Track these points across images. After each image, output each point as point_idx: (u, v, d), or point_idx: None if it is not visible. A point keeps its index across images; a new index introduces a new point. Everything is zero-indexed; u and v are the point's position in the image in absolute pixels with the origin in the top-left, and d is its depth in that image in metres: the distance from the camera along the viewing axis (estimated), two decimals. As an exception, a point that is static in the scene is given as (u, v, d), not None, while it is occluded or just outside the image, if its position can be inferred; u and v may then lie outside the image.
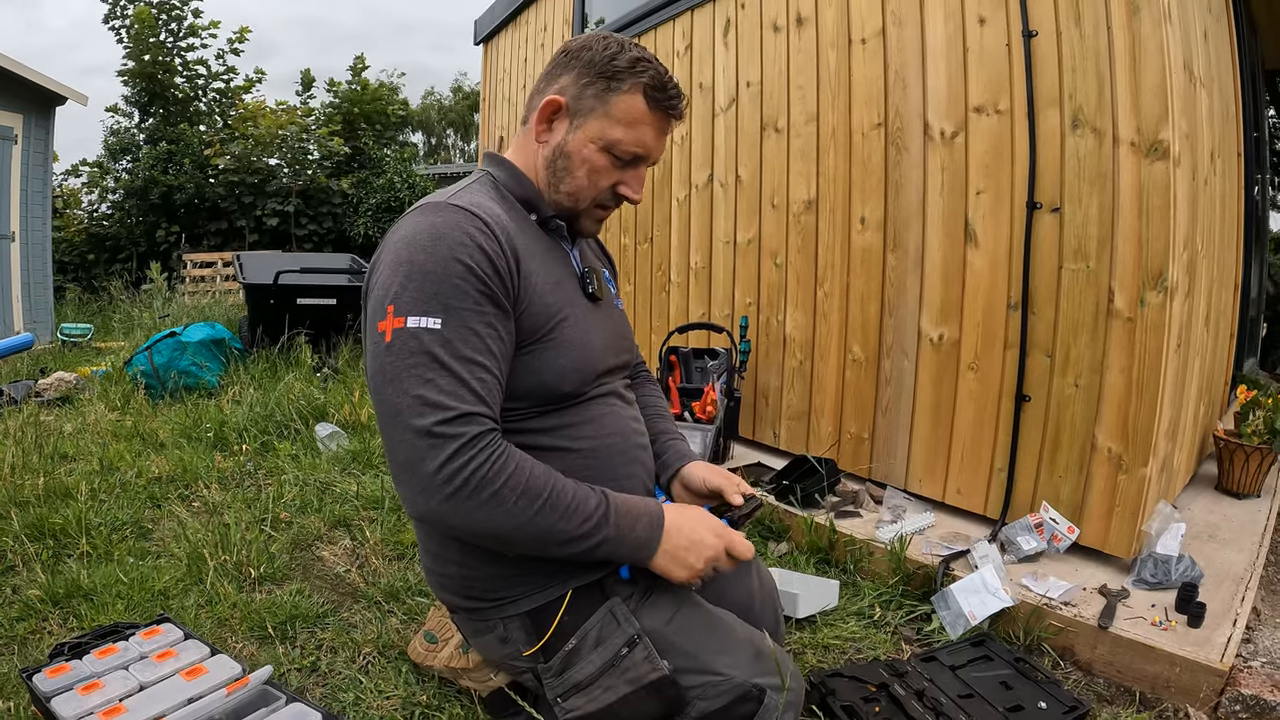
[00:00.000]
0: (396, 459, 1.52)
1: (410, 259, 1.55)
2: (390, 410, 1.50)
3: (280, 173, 15.60)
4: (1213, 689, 2.19)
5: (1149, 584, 2.64)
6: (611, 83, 1.73)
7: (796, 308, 4.01)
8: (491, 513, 1.50)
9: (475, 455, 1.48)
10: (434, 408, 1.48)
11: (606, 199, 1.82)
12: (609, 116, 1.73)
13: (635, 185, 1.82)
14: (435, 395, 1.48)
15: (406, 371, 1.50)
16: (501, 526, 1.51)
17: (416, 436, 1.47)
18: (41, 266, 9.89)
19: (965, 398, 3.22)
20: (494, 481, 1.49)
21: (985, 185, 3.10)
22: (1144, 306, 2.67)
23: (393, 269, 1.57)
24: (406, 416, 1.48)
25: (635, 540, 1.63)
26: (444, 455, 1.46)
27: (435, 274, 1.53)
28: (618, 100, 1.73)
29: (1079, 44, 2.80)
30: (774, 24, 4.07)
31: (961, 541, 2.98)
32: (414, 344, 1.50)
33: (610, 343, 1.90)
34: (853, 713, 2.05)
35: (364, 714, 2.04)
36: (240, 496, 3.59)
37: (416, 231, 1.58)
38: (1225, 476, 3.76)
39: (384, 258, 1.62)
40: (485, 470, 1.48)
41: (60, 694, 1.88)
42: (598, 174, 1.77)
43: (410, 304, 1.52)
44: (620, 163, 1.77)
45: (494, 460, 1.50)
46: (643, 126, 1.75)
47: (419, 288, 1.53)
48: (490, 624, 1.82)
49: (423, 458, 1.47)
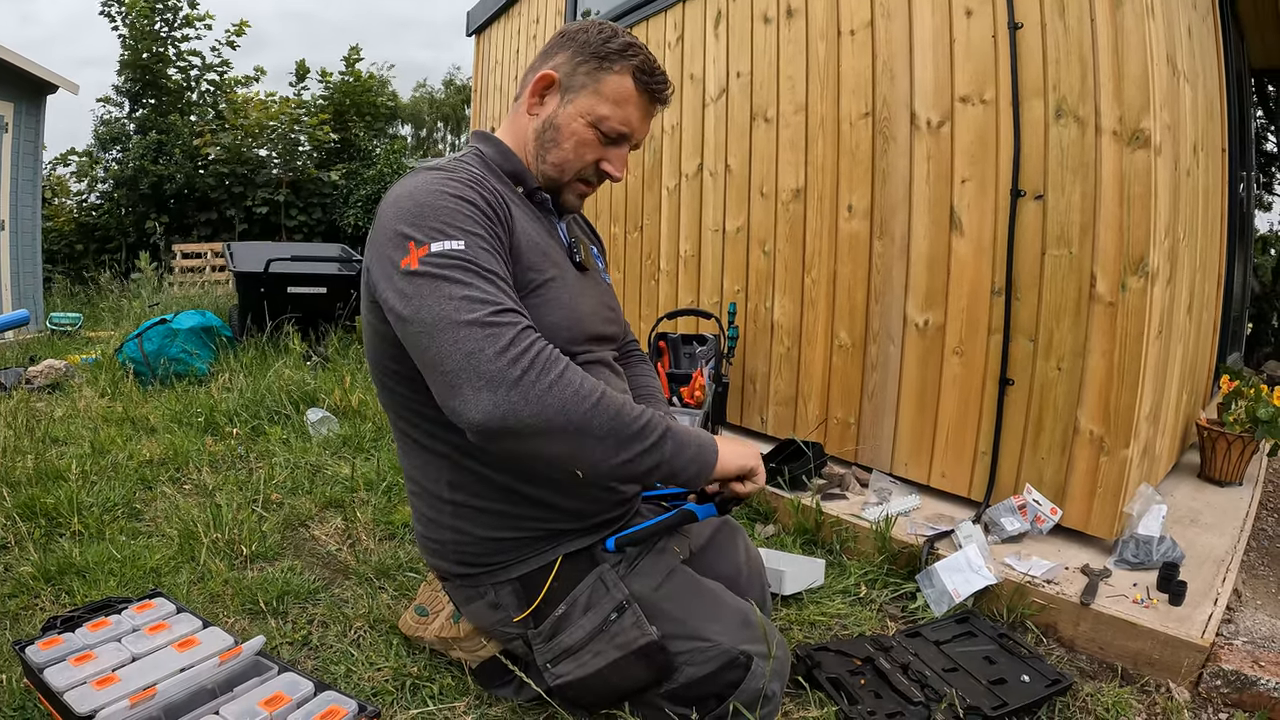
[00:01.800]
0: (451, 362, 1.46)
1: (416, 203, 1.58)
2: (434, 318, 1.48)
3: (270, 163, 15.56)
4: (1194, 664, 2.22)
5: (1131, 564, 2.68)
6: (604, 62, 1.80)
7: (784, 295, 4.04)
8: (564, 394, 1.46)
9: (534, 340, 1.48)
10: (482, 304, 1.48)
11: (589, 174, 1.88)
12: (599, 94, 1.80)
13: (618, 163, 1.88)
14: (480, 294, 1.49)
15: (445, 282, 1.49)
16: (576, 410, 1.47)
17: (472, 328, 1.46)
18: (31, 256, 9.86)
19: (950, 382, 3.26)
20: (557, 363, 1.49)
21: (970, 174, 3.13)
22: (1125, 291, 2.71)
23: (400, 215, 1.59)
24: (456, 316, 1.47)
25: (694, 437, 1.64)
26: (505, 340, 1.46)
27: (446, 208, 1.57)
28: (608, 79, 1.80)
29: (1063, 36, 2.84)
30: (764, 15, 4.10)
31: (946, 523, 3.01)
32: (445, 261, 1.51)
33: (598, 311, 1.94)
34: (839, 684, 2.08)
35: (355, 685, 2.07)
36: (232, 478, 3.60)
37: (414, 186, 1.63)
38: (1208, 464, 3.80)
39: (386, 213, 1.63)
40: (546, 353, 1.48)
41: (53, 665, 1.89)
42: (584, 147, 1.83)
43: (429, 233, 1.54)
44: (606, 140, 1.84)
45: (549, 347, 1.50)
46: (630, 107, 1.82)
47: (434, 220, 1.56)
48: (481, 590, 1.85)
49: (482, 348, 1.44)
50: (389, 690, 2.05)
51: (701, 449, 1.64)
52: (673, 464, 1.59)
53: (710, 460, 1.65)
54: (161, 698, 1.78)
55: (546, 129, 1.85)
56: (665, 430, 1.57)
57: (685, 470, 1.62)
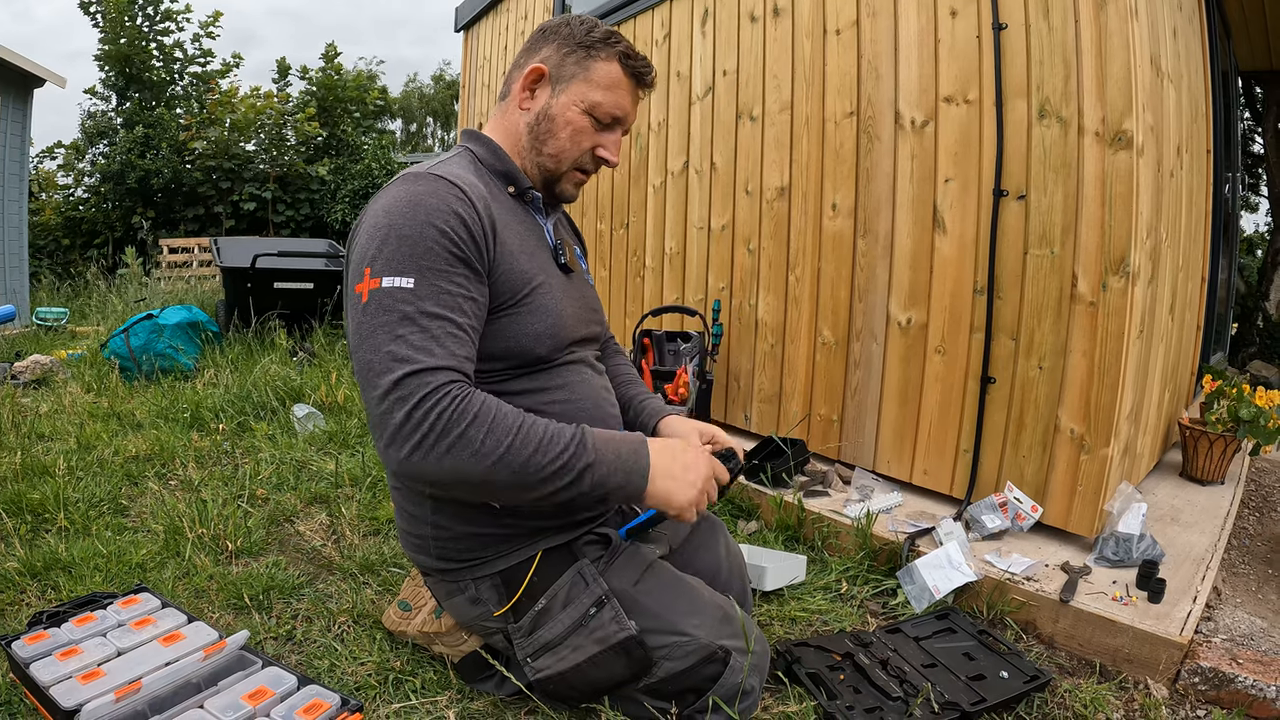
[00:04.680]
0: (371, 415, 1.56)
1: (389, 224, 1.61)
2: (363, 367, 1.56)
3: (258, 158, 15.53)
4: (1172, 661, 2.24)
5: (1110, 561, 2.70)
6: (590, 51, 1.85)
7: (768, 292, 4.06)
8: (460, 455, 1.52)
9: (438, 402, 1.51)
10: (402, 362, 1.52)
11: (586, 162, 1.91)
12: (589, 81, 1.85)
13: (613, 148, 1.92)
14: (404, 350, 1.53)
15: (380, 329, 1.55)
16: (474, 470, 1.53)
17: (385, 391, 1.52)
18: (18, 250, 9.82)
19: (932, 380, 3.28)
20: (459, 423, 1.52)
21: (954, 173, 3.15)
22: (1106, 291, 2.73)
23: (371, 234, 1.62)
24: (376, 372, 1.53)
25: (623, 464, 1.65)
26: (409, 406, 1.50)
27: (411, 237, 1.59)
28: (597, 66, 1.85)
29: (1047, 37, 2.86)
30: (751, 14, 4.11)
31: (927, 520, 3.03)
32: (387, 302, 1.56)
33: (582, 313, 1.96)
34: (818, 680, 2.10)
35: (339, 679, 2.07)
36: (217, 474, 3.61)
37: (397, 199, 1.64)
38: (1190, 464, 3.83)
39: (364, 224, 1.67)
40: (449, 414, 1.51)
41: (39, 660, 1.90)
42: (580, 135, 1.87)
43: (385, 265, 1.58)
44: (600, 125, 1.88)
45: (457, 404, 1.52)
46: (620, 91, 1.87)
47: (395, 250, 1.58)
48: (462, 585, 1.87)
49: (390, 410, 1.51)
50: (372, 684, 2.05)
51: (629, 476, 1.65)
52: (597, 493, 1.64)
53: (639, 487, 1.67)
54: (147, 692, 1.79)
55: (540, 121, 1.88)
56: (584, 468, 1.59)
57: (613, 498, 1.69)
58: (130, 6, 15.07)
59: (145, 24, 15.48)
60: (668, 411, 2.17)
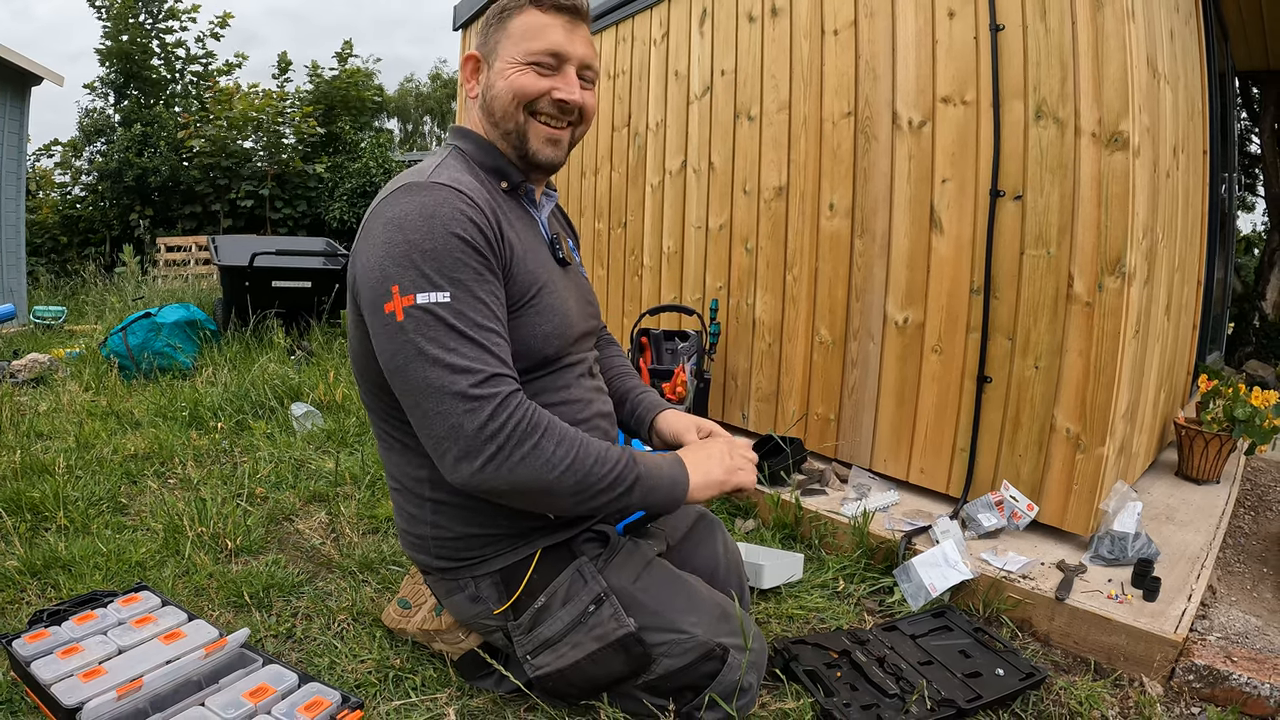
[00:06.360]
0: (436, 431, 1.57)
1: (406, 239, 1.59)
2: (420, 384, 1.56)
3: (255, 156, 15.52)
4: (1166, 659, 2.25)
5: (1106, 560, 2.72)
6: (504, 14, 1.83)
7: (766, 291, 4.07)
8: (533, 465, 1.56)
9: (513, 411, 1.55)
10: (464, 373, 1.54)
11: (544, 106, 1.83)
12: (511, 37, 1.81)
13: (567, 84, 1.83)
14: (463, 361, 1.54)
15: (429, 344, 1.55)
16: (545, 477, 1.58)
17: (455, 401, 1.53)
18: (15, 249, 9.82)
19: (929, 379, 3.29)
20: (534, 433, 1.56)
21: (951, 174, 3.16)
22: (1102, 291, 2.74)
23: (388, 250, 1.60)
24: (440, 386, 1.54)
25: (667, 475, 1.73)
26: (484, 415, 1.53)
27: (435, 250, 1.58)
28: (514, 22, 1.81)
29: (1044, 38, 2.86)
30: (749, 14, 4.12)
31: (924, 518, 3.05)
32: (429, 318, 1.56)
33: (582, 309, 1.97)
34: (815, 677, 2.11)
35: (339, 677, 2.08)
36: (216, 473, 3.62)
37: (407, 212, 1.62)
38: (1185, 463, 3.84)
39: (375, 240, 1.64)
40: (525, 424, 1.56)
41: (40, 658, 1.91)
42: (523, 84, 1.79)
43: (416, 282, 1.57)
44: (546, 69, 1.81)
45: (529, 414, 1.57)
46: (546, 30, 1.80)
47: (421, 265, 1.57)
48: (462, 583, 1.87)
49: (463, 422, 1.53)
50: (372, 682, 2.06)
51: (674, 486, 1.74)
52: (642, 504, 1.71)
53: (680, 496, 1.75)
54: (148, 690, 1.80)
55: (489, 100, 1.85)
56: (635, 480, 1.67)
57: (656, 508, 1.77)
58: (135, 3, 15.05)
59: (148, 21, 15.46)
60: (664, 407, 2.18)
